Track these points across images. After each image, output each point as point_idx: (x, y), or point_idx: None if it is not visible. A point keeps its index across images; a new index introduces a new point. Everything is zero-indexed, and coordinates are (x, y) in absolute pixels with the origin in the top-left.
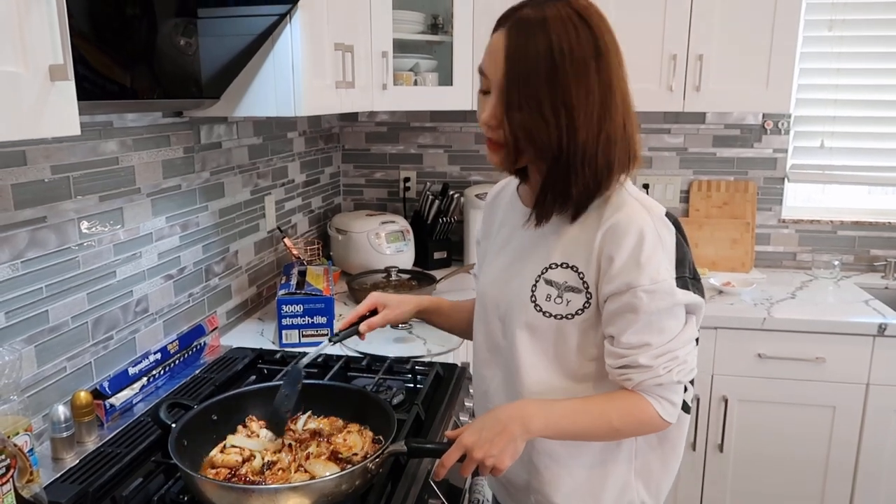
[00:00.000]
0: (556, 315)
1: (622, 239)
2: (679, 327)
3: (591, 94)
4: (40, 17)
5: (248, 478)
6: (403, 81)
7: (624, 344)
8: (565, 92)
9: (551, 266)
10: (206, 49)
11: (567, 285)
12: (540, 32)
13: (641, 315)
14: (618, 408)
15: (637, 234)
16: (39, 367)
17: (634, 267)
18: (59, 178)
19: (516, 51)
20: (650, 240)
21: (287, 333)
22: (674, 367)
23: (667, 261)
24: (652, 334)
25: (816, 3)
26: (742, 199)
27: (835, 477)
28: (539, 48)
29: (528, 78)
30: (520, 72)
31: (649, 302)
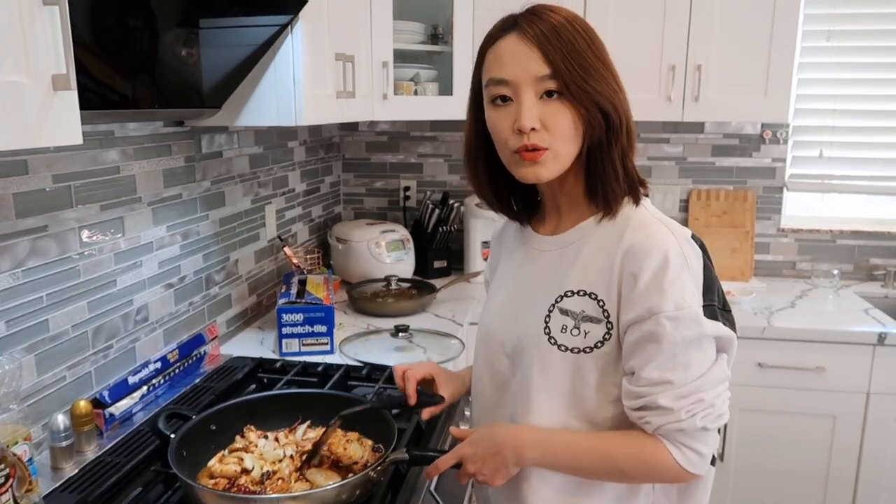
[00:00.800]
0: (574, 349)
1: (644, 260)
2: (706, 364)
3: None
4: (43, 27)
5: (247, 488)
6: (404, 91)
7: (643, 380)
8: (604, 57)
9: (566, 294)
10: (208, 59)
11: (584, 315)
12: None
13: (664, 346)
14: (627, 449)
15: (661, 255)
16: (39, 376)
17: (657, 291)
18: (61, 187)
19: (548, 37)
20: (675, 262)
21: (287, 342)
22: (698, 411)
23: (693, 286)
24: (675, 370)
25: (814, 13)
26: (741, 209)
27: (836, 486)
28: (568, 29)
29: (575, 52)
30: (565, 50)
31: (673, 331)
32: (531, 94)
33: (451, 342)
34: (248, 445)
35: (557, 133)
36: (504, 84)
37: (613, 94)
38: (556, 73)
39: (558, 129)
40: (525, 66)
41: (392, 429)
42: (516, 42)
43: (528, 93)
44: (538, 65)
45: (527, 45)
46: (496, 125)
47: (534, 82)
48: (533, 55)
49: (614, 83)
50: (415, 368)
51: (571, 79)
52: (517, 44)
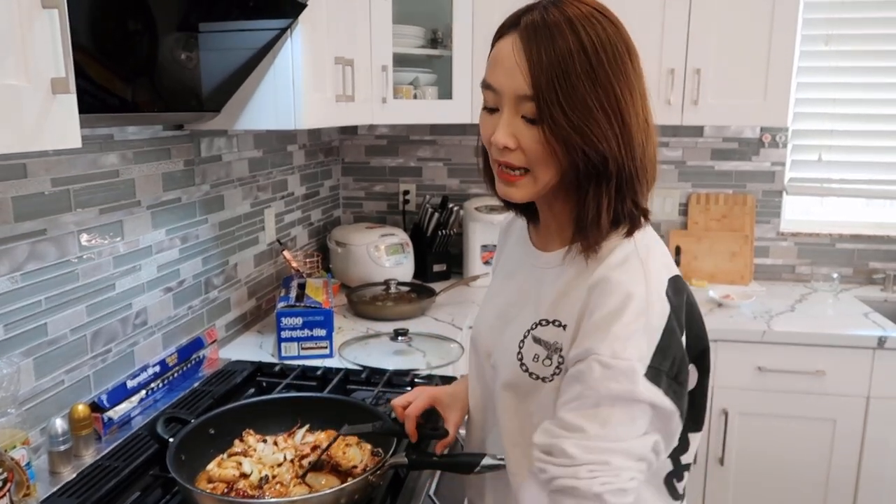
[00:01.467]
0: (544, 377)
1: (606, 297)
2: (629, 432)
3: (635, 93)
4: (42, 30)
5: (245, 492)
6: (403, 95)
7: (560, 420)
8: (609, 90)
9: (541, 322)
10: (207, 63)
11: (556, 345)
12: (566, 29)
13: (588, 391)
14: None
15: (621, 299)
16: (37, 380)
17: (602, 333)
18: (60, 191)
19: (541, 52)
20: (632, 311)
21: (286, 346)
22: (600, 475)
23: (643, 341)
24: (593, 421)
25: (813, 18)
26: (741, 212)
27: (836, 490)
28: (569, 44)
29: (566, 77)
30: (554, 73)
31: (601, 378)
32: (512, 109)
33: (450, 346)
34: (247, 449)
35: (533, 157)
36: (491, 91)
37: (603, 138)
38: (536, 97)
39: (532, 152)
40: (510, 78)
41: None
42: (512, 49)
43: (510, 108)
44: (521, 82)
45: (519, 55)
46: (483, 130)
47: (515, 99)
48: (520, 69)
49: (615, 124)
50: (415, 404)
51: (549, 108)
52: (510, 51)
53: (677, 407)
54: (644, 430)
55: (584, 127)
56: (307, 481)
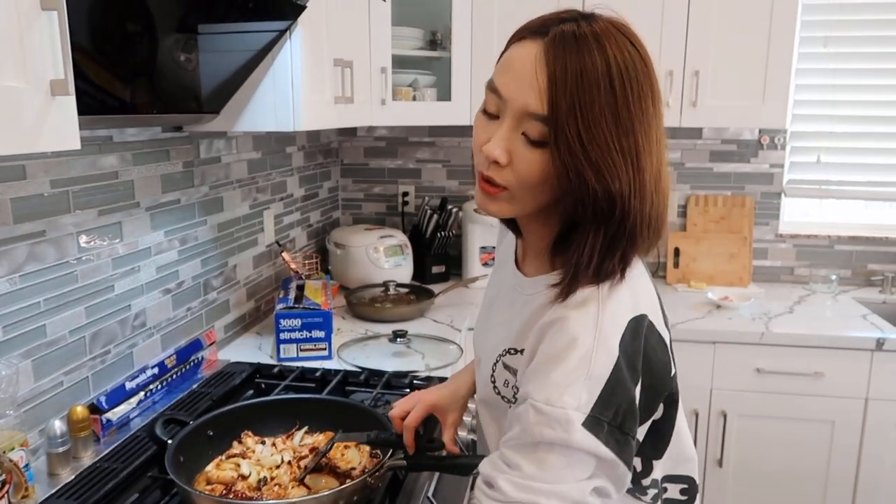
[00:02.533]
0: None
1: (554, 339)
2: (566, 476)
3: (650, 133)
4: (41, 32)
5: (244, 494)
6: (402, 97)
7: (501, 454)
8: (629, 131)
9: (510, 350)
10: (206, 64)
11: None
12: (596, 54)
13: (525, 435)
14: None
15: (568, 342)
16: (36, 382)
17: (541, 378)
18: (59, 193)
19: (567, 72)
20: (576, 357)
21: (285, 348)
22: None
23: (583, 390)
24: (530, 462)
25: (811, 20)
26: (739, 214)
27: (834, 491)
28: (598, 72)
29: (591, 108)
30: (578, 100)
31: (535, 423)
32: (513, 123)
33: (449, 347)
34: (246, 451)
35: (522, 178)
36: (496, 95)
37: (616, 178)
38: (552, 119)
39: (522, 174)
40: (523, 91)
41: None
42: (533, 59)
43: (511, 121)
44: (535, 100)
45: (540, 70)
46: (476, 134)
47: (521, 114)
48: (538, 85)
49: (630, 167)
50: (413, 414)
51: (565, 136)
52: (530, 61)
53: (618, 456)
54: (587, 474)
55: (599, 163)
56: (305, 483)
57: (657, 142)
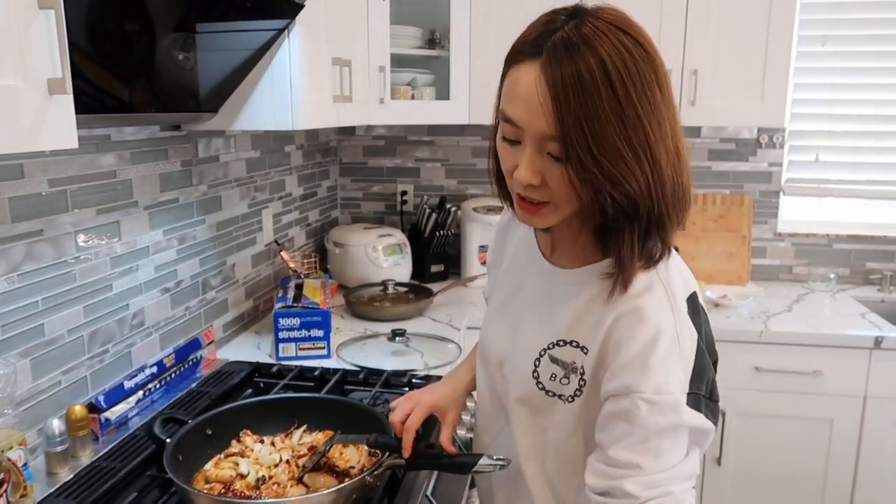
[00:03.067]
0: (560, 395)
1: (633, 331)
2: (679, 455)
3: (663, 124)
4: (39, 31)
5: (242, 493)
6: (401, 95)
7: (612, 460)
8: (638, 130)
9: (559, 343)
10: (205, 63)
11: (574, 366)
12: (592, 63)
13: (636, 428)
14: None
15: (653, 331)
16: (34, 381)
17: (640, 369)
18: (57, 192)
19: (568, 91)
20: (665, 342)
21: (284, 347)
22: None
23: (681, 370)
24: (646, 456)
25: (810, 19)
26: (738, 213)
27: (833, 490)
28: (597, 82)
29: (596, 120)
30: (582, 115)
31: (648, 414)
32: (536, 147)
33: (448, 346)
34: (244, 450)
35: (558, 192)
36: (512, 125)
37: (633, 180)
38: (562, 137)
39: (558, 189)
40: (534, 118)
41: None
42: (533, 80)
43: (533, 146)
44: (546, 123)
45: (541, 93)
46: (502, 160)
47: (539, 138)
48: (544, 109)
49: (645, 163)
50: (413, 416)
51: (578, 154)
52: (533, 88)
53: (714, 424)
54: (687, 449)
55: (613, 171)
56: (304, 482)
57: (669, 122)
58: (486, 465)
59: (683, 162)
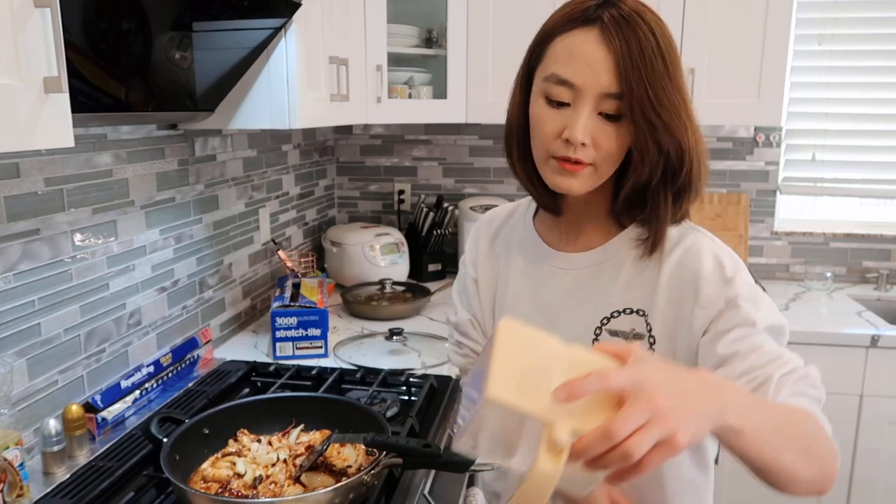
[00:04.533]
0: None
1: (698, 265)
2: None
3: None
4: (35, 29)
5: (239, 492)
6: (398, 94)
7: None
8: (680, 87)
9: (613, 315)
10: (201, 62)
11: (635, 333)
12: (645, 29)
13: (753, 327)
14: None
15: (711, 256)
16: (31, 381)
17: (724, 283)
18: (53, 191)
19: (630, 50)
20: (726, 257)
21: (281, 346)
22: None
23: (748, 275)
24: (771, 347)
25: (806, 18)
26: (735, 212)
27: None
28: (651, 44)
29: (654, 75)
30: (643, 71)
31: (753, 309)
32: (591, 106)
33: (445, 345)
34: (242, 449)
35: (604, 152)
36: (567, 86)
37: (681, 130)
38: (626, 94)
39: (606, 149)
40: (597, 76)
41: (386, 432)
42: (596, 44)
43: (589, 105)
44: (610, 80)
45: (605, 52)
46: (542, 124)
47: (598, 96)
48: (608, 66)
49: (685, 117)
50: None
51: (640, 106)
52: (596, 47)
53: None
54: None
55: (670, 122)
56: (301, 481)
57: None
58: (484, 464)
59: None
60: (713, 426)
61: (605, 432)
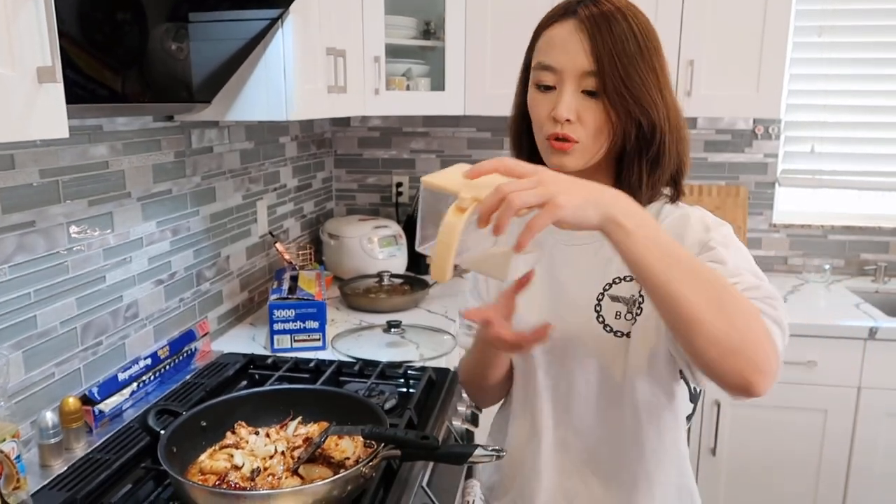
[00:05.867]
0: (628, 333)
1: (686, 226)
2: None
3: (667, 74)
4: (28, 18)
5: (237, 484)
6: (396, 86)
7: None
8: (654, 70)
9: (615, 281)
10: (198, 53)
11: (634, 298)
12: (619, 17)
13: (724, 265)
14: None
15: (699, 218)
16: (27, 373)
17: (704, 232)
18: (48, 182)
19: (603, 34)
20: (713, 219)
21: (279, 338)
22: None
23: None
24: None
25: (806, 9)
26: (733, 204)
27: (827, 480)
28: (623, 29)
29: (625, 55)
30: (614, 51)
31: (726, 252)
32: (573, 86)
33: (443, 338)
34: (239, 442)
35: (589, 128)
36: (550, 71)
37: (651, 104)
38: (599, 71)
39: (590, 124)
40: (573, 57)
41: (384, 424)
42: (570, 30)
43: (571, 84)
44: (585, 58)
45: (578, 35)
46: (535, 108)
47: (578, 76)
48: (582, 47)
49: (656, 93)
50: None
51: (612, 81)
52: (570, 32)
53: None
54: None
55: (640, 96)
56: (299, 473)
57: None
58: (481, 456)
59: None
60: (599, 215)
61: (497, 188)
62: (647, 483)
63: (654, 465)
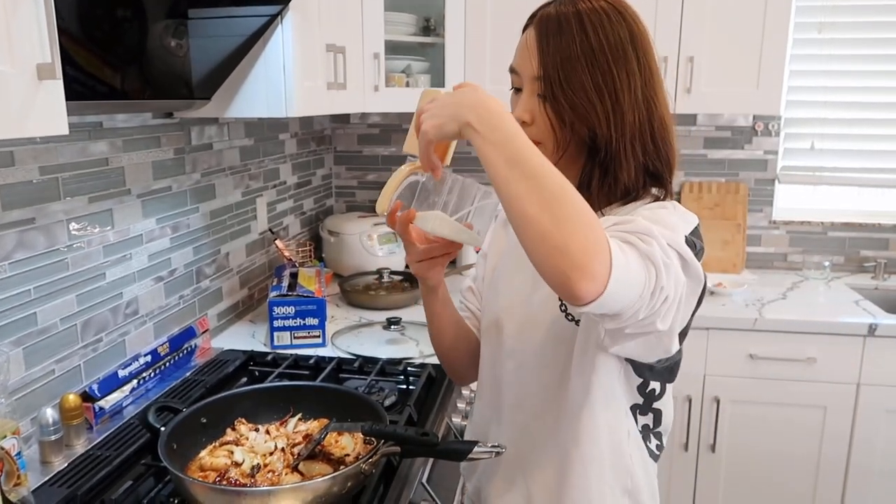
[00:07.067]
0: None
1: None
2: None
3: (633, 77)
4: (28, 15)
5: (237, 481)
6: (396, 83)
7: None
8: (606, 74)
9: None
10: (197, 50)
11: None
12: (573, 21)
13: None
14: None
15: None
16: (27, 370)
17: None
18: (48, 179)
19: (549, 39)
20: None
21: (279, 335)
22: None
23: (680, 221)
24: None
25: (806, 5)
26: (733, 201)
27: (826, 476)
28: (573, 33)
29: (567, 61)
30: (558, 58)
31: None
32: (529, 88)
33: None
34: (239, 438)
35: (542, 130)
36: (515, 73)
37: (593, 114)
38: (544, 76)
39: (541, 126)
40: (525, 62)
41: (384, 421)
42: (529, 34)
43: (527, 87)
44: (532, 64)
45: (533, 42)
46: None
47: (531, 79)
48: (532, 52)
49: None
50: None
51: (552, 89)
52: (529, 37)
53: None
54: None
55: (577, 104)
56: (299, 469)
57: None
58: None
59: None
60: (458, 125)
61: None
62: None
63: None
